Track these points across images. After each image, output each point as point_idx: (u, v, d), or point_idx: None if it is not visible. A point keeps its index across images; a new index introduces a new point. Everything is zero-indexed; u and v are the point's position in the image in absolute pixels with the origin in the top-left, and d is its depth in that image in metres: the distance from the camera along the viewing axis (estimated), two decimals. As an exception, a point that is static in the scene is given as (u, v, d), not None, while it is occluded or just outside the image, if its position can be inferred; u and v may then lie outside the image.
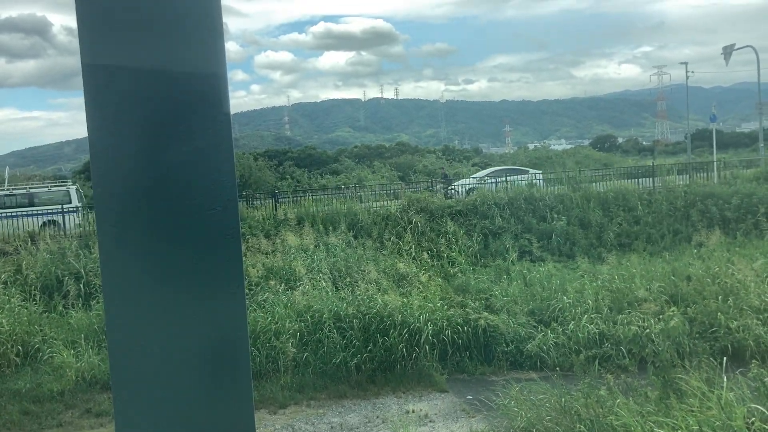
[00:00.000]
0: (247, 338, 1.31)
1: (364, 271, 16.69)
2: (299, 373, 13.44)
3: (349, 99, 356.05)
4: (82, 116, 1.23)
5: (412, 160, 63.61)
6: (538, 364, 13.64)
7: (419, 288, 15.93)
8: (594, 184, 25.85)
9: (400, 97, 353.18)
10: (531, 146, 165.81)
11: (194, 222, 1.24)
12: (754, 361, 9.57)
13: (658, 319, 13.48)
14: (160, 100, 1.20)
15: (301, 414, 11.95)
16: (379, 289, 15.72)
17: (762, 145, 33.07)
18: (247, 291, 10.95)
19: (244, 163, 50.23)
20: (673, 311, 13.45)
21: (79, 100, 1.24)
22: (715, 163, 28.79)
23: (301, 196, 25.25)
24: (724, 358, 11.66)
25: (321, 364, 13.57)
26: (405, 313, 14.06)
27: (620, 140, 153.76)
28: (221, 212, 1.25)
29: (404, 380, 13.15)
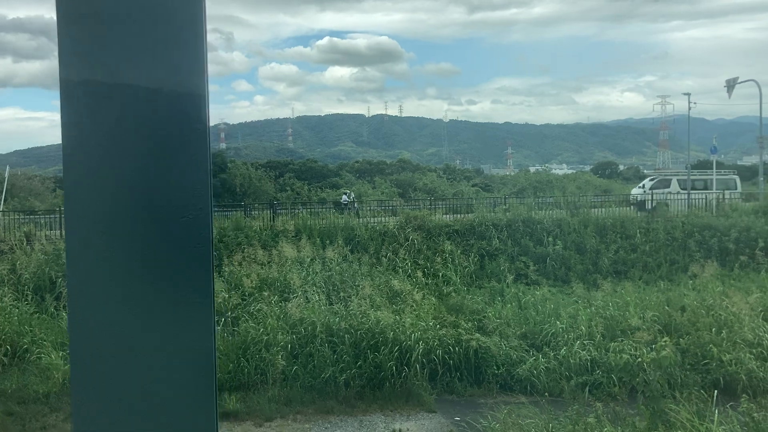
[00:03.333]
0: (213, 348, 1.28)
1: (359, 286, 16.60)
2: (287, 386, 13.34)
3: (352, 114, 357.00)
4: None
5: (413, 177, 63.65)
6: (528, 388, 13.56)
7: (412, 306, 15.85)
8: (593, 209, 25.83)
9: (403, 115, 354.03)
10: (532, 169, 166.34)
11: (164, 229, 1.23)
12: (744, 395, 9.50)
13: (650, 348, 13.38)
14: (139, 112, 1.19)
15: (287, 428, 11.85)
16: (372, 305, 15.63)
17: (762, 179, 33.09)
18: (239, 301, 10.94)
19: (244, 173, 50.27)
20: (665, 341, 13.36)
21: None
22: (714, 194, 28.82)
23: (299, 209, 25.18)
24: (715, 391, 11.63)
25: (310, 378, 13.47)
26: (397, 330, 13.99)
27: (621, 167, 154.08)
28: (192, 221, 1.23)
29: (393, 398, 13.04)
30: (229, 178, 47.77)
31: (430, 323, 14.50)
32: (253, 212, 25.53)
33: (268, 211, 24.39)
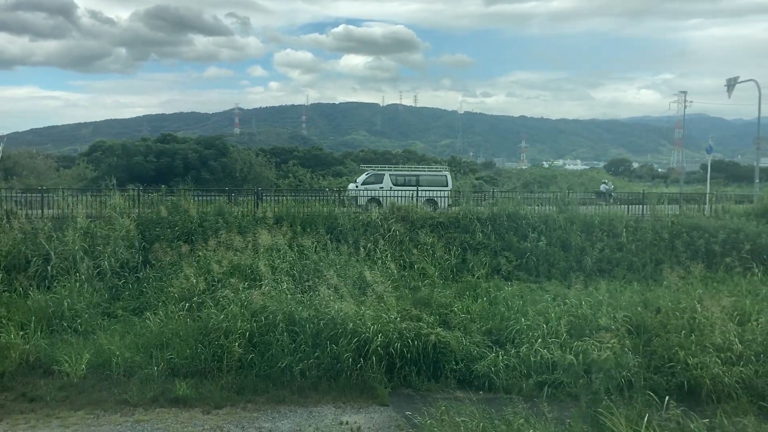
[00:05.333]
0: None
1: (330, 275, 16.45)
2: (243, 374, 13.26)
3: (367, 103, 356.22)
4: (102, 99, 1.07)
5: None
6: (487, 385, 13.41)
7: (380, 298, 15.68)
8: (583, 207, 25.53)
9: (418, 105, 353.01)
10: (546, 164, 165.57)
11: None
12: (672, 403, 9.31)
13: (606, 349, 13.17)
14: None
15: (235, 416, 11.76)
16: (339, 296, 15.48)
17: (758, 180, 32.60)
18: (206, 287, 10.79)
19: (244, 158, 50.26)
20: (612, 343, 13.13)
21: (100, 84, 1.06)
22: (707, 195, 28.44)
23: (284, 196, 25.02)
24: (666, 397, 11.42)
25: (266, 366, 13.39)
26: (357, 321, 13.85)
27: (635, 165, 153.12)
28: None
29: (347, 390, 12.92)
30: (230, 162, 47.73)
31: (392, 316, 14.33)
32: (239, 198, 25.38)
33: (253, 197, 24.27)
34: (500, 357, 13.64)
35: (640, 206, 26.15)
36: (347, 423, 11.55)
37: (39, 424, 11.17)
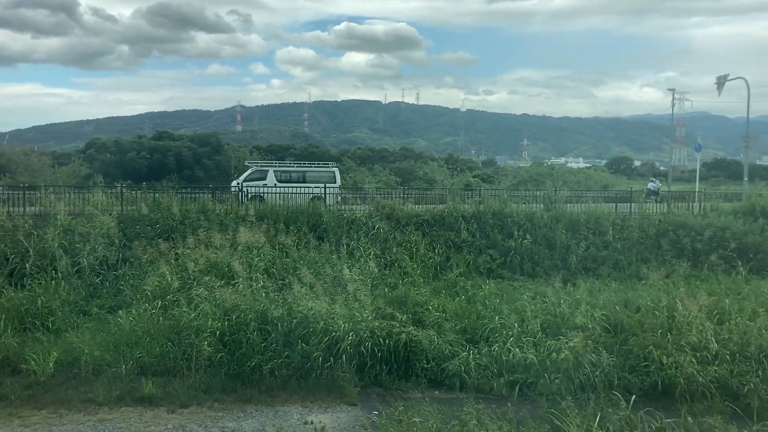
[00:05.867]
0: None
1: (308, 273, 16.34)
2: (213, 373, 13.16)
3: (369, 100, 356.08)
4: (104, 96, 0.97)
5: (414, 166, 63.37)
6: (458, 384, 13.29)
7: (355, 296, 15.58)
8: (570, 204, 25.38)
9: (420, 103, 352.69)
10: (548, 162, 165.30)
11: None
12: (622, 403, 9.19)
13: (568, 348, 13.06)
14: None
15: (200, 415, 11.66)
16: (315, 294, 15.36)
17: (746, 179, 32.42)
18: (181, 285, 10.69)
19: (239, 155, 50.14)
20: (576, 342, 13.01)
21: (102, 81, 0.97)
22: (696, 193, 28.29)
23: (268, 193, 24.89)
24: (633, 396, 11.32)
25: (236, 365, 13.28)
26: (329, 320, 13.74)
27: (637, 163, 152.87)
28: None
29: (317, 390, 12.81)
30: (224, 160, 47.64)
31: (365, 314, 14.22)
32: (224, 195, 25.24)
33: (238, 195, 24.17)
34: (471, 356, 13.50)
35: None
36: (312, 423, 11.45)
37: None
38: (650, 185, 36.14)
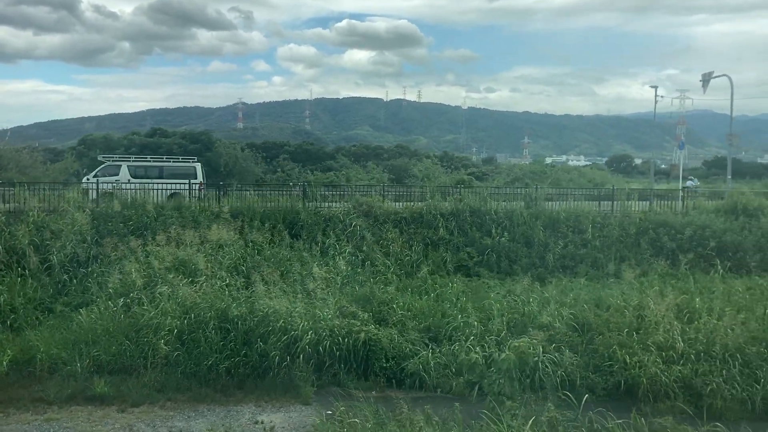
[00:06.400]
0: None
1: (265, 271, 16.21)
2: (169, 371, 13.03)
3: (370, 98, 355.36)
4: (105, 93, 0.84)
5: (409, 163, 63.15)
6: (418, 383, 13.17)
7: (316, 294, 15.44)
8: (551, 203, 25.20)
9: (422, 100, 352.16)
10: (549, 160, 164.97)
11: None
12: (549, 403, 9.04)
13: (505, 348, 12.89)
14: None
15: (150, 415, 11.55)
16: (279, 292, 15.23)
17: (730, 177, 32.19)
18: (146, 282, 10.55)
19: (230, 153, 50.02)
20: (520, 342, 12.85)
21: (103, 78, 0.83)
22: (680, 191, 28.10)
23: (246, 190, 24.76)
24: (586, 396, 11.17)
25: (193, 364, 13.15)
26: (288, 319, 13.61)
27: (638, 161, 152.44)
28: None
29: (273, 389, 12.69)
30: (214, 157, 47.53)
31: (326, 313, 14.09)
32: (205, 191, 25.07)
33: (215, 192, 24.05)
34: (430, 355, 13.36)
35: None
36: (262, 422, 11.32)
37: (-54, 423, 10.99)
38: (689, 183, 36.22)
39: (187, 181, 25.92)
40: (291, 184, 28.34)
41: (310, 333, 13.31)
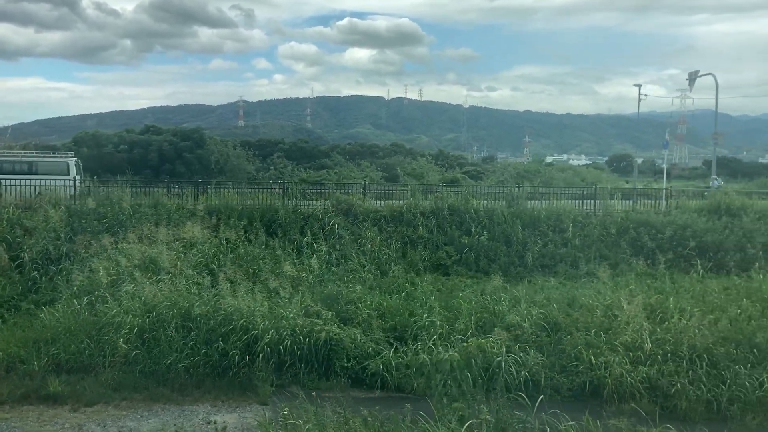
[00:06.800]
0: None
1: (232, 269, 16.09)
2: (128, 370, 12.90)
3: (372, 96, 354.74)
4: (107, 91, 0.71)
5: (403, 162, 63.10)
6: (380, 383, 13.03)
7: (283, 294, 15.31)
8: (533, 202, 25.05)
9: (423, 99, 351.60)
10: (550, 159, 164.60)
11: None
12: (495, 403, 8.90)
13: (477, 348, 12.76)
14: None
15: (103, 414, 11.41)
16: (250, 290, 15.10)
17: (714, 176, 32.01)
18: (113, 280, 10.41)
19: (221, 150, 49.91)
20: (472, 341, 12.71)
21: (105, 75, 0.70)
22: (664, 191, 27.93)
23: (224, 188, 24.60)
24: (541, 398, 11.01)
25: (152, 363, 13.01)
26: (249, 318, 13.48)
27: (640, 161, 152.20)
28: None
29: (232, 389, 12.56)
30: (205, 154, 47.41)
31: (289, 312, 13.95)
32: (184, 190, 24.85)
33: (193, 189, 23.91)
34: (392, 355, 13.22)
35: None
36: (215, 422, 11.18)
37: None
38: (713, 183, 36.13)
39: (60, 176, 24.52)
40: (271, 181, 28.09)
41: (271, 332, 13.18)
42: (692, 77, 38.73)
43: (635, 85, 62.10)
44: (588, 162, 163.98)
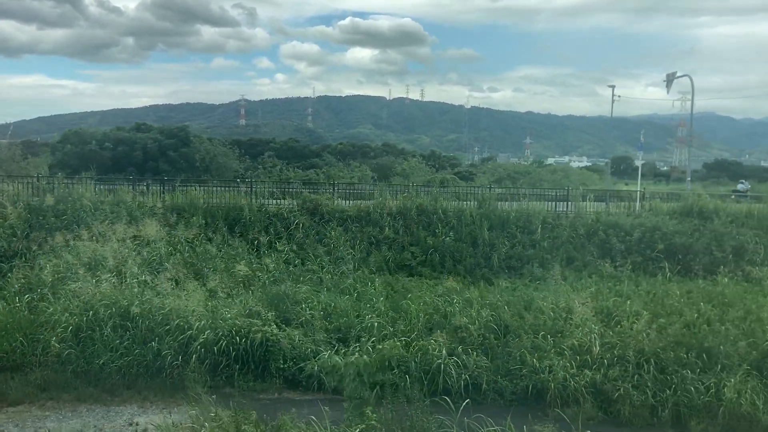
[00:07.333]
0: None
1: (175, 267, 15.86)
2: (59, 370, 12.67)
3: (373, 96, 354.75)
4: (109, 88, 0.50)
5: (394, 162, 62.86)
6: (316, 385, 12.79)
7: (221, 293, 15.09)
8: (503, 203, 24.76)
9: (425, 99, 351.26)
10: (551, 160, 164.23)
11: None
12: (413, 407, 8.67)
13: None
14: None
15: (24, 414, 11.20)
16: (194, 290, 14.86)
17: (689, 179, 31.66)
18: (59, 278, 10.17)
19: (207, 148, 49.74)
20: (397, 343, 12.46)
21: (107, 73, 0.50)
22: (638, 192, 27.64)
23: (191, 185, 24.34)
24: (457, 402, 10.78)
25: (85, 363, 12.79)
26: (185, 317, 13.25)
27: (641, 163, 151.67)
28: None
29: (164, 389, 12.33)
30: (191, 152, 47.21)
31: (227, 312, 13.72)
32: (152, 187, 24.57)
33: (159, 187, 23.67)
34: (328, 356, 12.97)
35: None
36: (137, 424, 10.96)
37: None
38: (740, 186, 35.98)
39: None
40: (238, 180, 27.80)
41: (206, 332, 12.95)
42: (670, 78, 38.54)
43: (609, 86, 61.80)
44: (588, 164, 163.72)
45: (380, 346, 12.41)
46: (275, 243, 20.40)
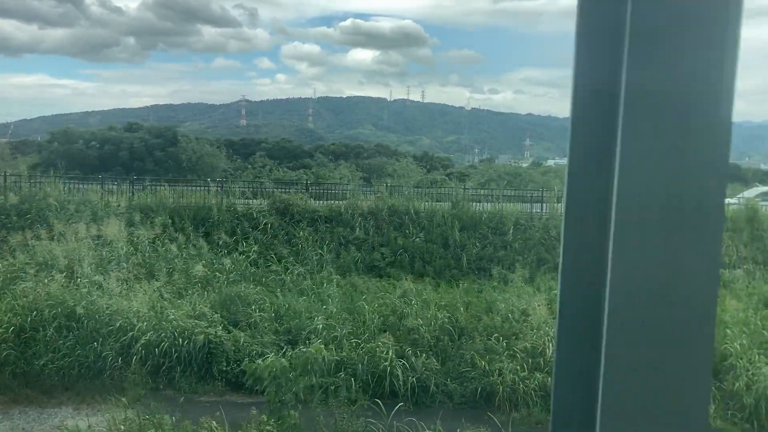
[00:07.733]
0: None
1: (128, 268, 15.66)
2: (-1, 371, 12.48)
3: (374, 97, 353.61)
4: (110, 88, 0.51)
5: (386, 162, 62.48)
6: (259, 387, 12.57)
7: (167, 295, 14.89)
8: (477, 203, 24.54)
9: (425, 101, 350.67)
10: (551, 162, 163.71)
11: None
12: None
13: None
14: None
15: (-46, 416, 11.00)
16: (144, 291, 14.67)
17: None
18: (12, 278, 9.96)
19: (194, 148, 49.48)
20: (314, 346, 12.24)
21: (108, 72, 0.51)
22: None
23: (160, 185, 24.12)
24: (403, 404, 10.60)
25: (24, 364, 12.59)
26: (128, 319, 13.05)
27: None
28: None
29: (102, 392, 12.11)
30: (177, 152, 46.98)
31: (172, 313, 13.51)
32: (123, 186, 24.32)
33: (128, 186, 23.47)
34: (273, 358, 12.75)
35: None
36: (66, 427, 10.74)
37: None
38: (766, 188, 35.94)
39: None
40: (209, 179, 27.56)
41: (149, 334, 12.75)
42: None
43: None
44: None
45: (304, 349, 12.15)
46: (242, 243, 20.20)
